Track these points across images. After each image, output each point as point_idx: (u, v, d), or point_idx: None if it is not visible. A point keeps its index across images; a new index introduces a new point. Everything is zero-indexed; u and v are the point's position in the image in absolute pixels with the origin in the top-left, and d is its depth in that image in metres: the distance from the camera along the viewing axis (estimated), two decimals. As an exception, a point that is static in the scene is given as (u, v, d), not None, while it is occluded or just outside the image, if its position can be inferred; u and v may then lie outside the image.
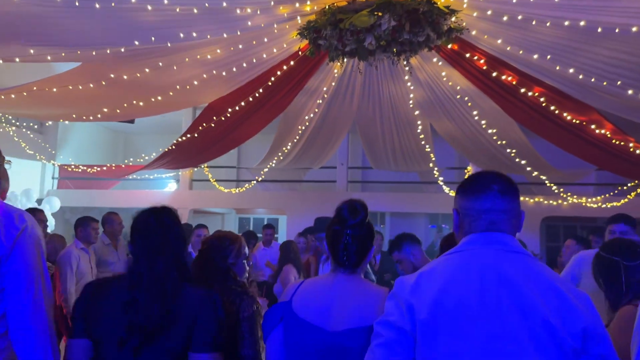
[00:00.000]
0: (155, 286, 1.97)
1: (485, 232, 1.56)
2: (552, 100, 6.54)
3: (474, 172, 6.99)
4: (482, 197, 1.57)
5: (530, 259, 1.55)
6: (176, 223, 2.13)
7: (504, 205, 1.57)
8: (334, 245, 2.09)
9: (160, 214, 2.12)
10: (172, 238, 2.07)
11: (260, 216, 17.18)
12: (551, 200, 12.13)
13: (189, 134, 7.28)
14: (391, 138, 8.58)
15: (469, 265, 1.53)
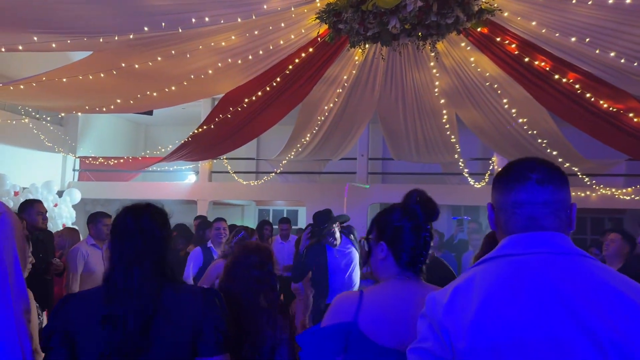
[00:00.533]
0: (131, 299, 1.73)
1: (526, 233, 1.29)
2: (587, 87, 6.13)
3: (499, 162, 6.70)
4: (517, 188, 1.31)
5: (587, 261, 1.24)
6: (158, 226, 1.87)
7: (545, 197, 1.29)
8: (403, 246, 1.75)
9: (140, 216, 1.86)
10: (152, 244, 1.82)
11: (279, 208, 17.00)
12: (579, 191, 11.65)
13: (206, 125, 7.06)
14: (414, 128, 8.23)
15: (511, 279, 1.23)
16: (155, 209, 1.93)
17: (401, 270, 1.76)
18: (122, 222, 1.87)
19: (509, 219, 1.32)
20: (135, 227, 1.83)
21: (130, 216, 1.87)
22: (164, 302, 1.75)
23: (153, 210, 1.92)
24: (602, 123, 6.78)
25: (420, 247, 1.75)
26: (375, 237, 1.82)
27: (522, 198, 1.30)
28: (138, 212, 1.88)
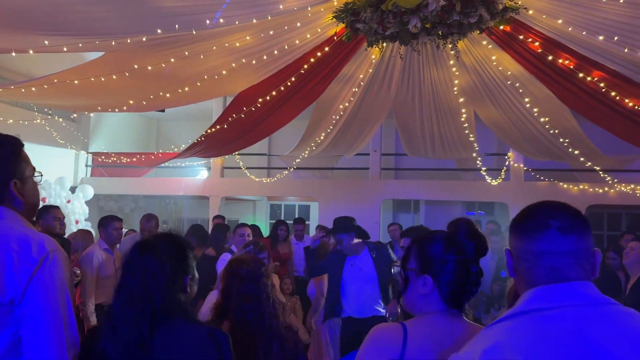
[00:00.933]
0: (121, 342, 1.63)
1: (550, 286, 1.20)
2: (613, 86, 5.92)
3: (515, 158, 6.51)
4: (538, 237, 1.22)
5: (618, 311, 1.14)
6: (165, 263, 1.72)
7: (569, 246, 1.21)
8: (450, 280, 1.59)
9: (145, 252, 1.74)
10: (153, 284, 1.69)
11: (291, 203, 16.91)
12: (597, 187, 11.42)
13: (219, 125, 6.95)
14: (430, 126, 8.06)
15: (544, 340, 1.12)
16: (167, 244, 1.78)
17: (446, 307, 1.60)
18: (128, 254, 1.77)
19: (530, 269, 1.24)
20: (137, 264, 1.71)
21: (136, 250, 1.75)
22: (155, 349, 1.64)
23: (163, 246, 1.76)
24: (627, 122, 6.57)
25: (471, 283, 1.61)
26: (417, 269, 1.64)
27: (543, 248, 1.22)
28: (145, 247, 1.75)
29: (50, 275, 1.54)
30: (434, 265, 1.61)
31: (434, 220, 15.77)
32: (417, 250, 1.66)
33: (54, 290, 1.54)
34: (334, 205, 12.97)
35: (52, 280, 1.54)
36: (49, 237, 1.63)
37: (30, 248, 1.54)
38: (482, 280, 1.62)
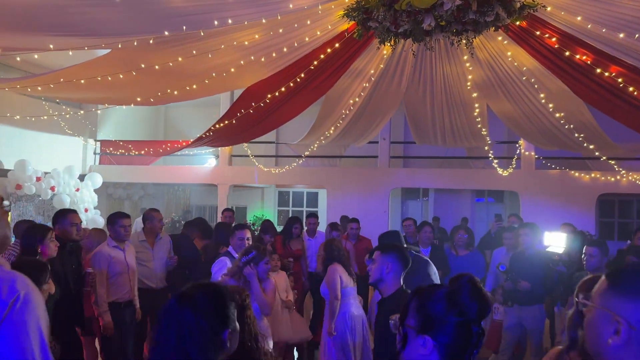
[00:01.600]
0: None
1: None
2: (630, 81, 5.77)
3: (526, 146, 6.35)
4: None
5: None
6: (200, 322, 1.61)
7: None
8: (450, 342, 1.53)
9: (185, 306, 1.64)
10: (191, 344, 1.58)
11: (299, 190, 16.87)
12: (609, 176, 11.27)
13: (227, 120, 6.86)
14: (441, 118, 7.93)
15: None
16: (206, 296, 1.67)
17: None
18: (166, 305, 1.67)
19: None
20: (173, 317, 1.61)
21: (174, 302, 1.65)
22: None
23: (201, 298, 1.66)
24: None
25: (472, 345, 1.53)
26: (417, 328, 1.55)
27: None
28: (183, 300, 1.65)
29: (21, 318, 1.46)
30: (434, 325, 1.53)
31: (443, 209, 15.70)
32: (418, 306, 1.57)
33: (26, 333, 1.46)
34: (343, 193, 12.92)
35: (23, 324, 1.46)
36: (21, 277, 1.52)
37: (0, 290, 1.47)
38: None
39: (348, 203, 12.60)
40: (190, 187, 16.50)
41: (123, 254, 4.89)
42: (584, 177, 11.70)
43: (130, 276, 4.85)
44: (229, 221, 7.17)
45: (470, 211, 15.88)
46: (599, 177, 11.50)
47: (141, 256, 5.30)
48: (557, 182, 11.86)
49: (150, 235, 5.47)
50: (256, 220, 14.56)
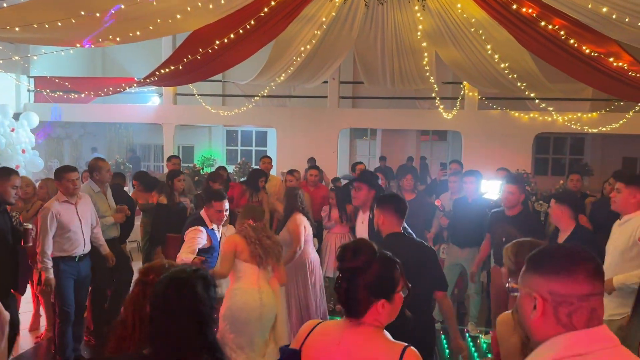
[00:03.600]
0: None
1: (593, 329, 1.24)
2: (572, 33, 5.99)
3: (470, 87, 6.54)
4: (581, 280, 1.24)
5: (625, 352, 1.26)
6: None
7: (601, 286, 1.27)
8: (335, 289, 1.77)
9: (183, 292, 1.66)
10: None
11: (248, 128, 16.67)
12: (546, 116, 11.82)
13: (172, 65, 6.62)
14: (391, 64, 7.97)
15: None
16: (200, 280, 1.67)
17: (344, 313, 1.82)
18: (161, 292, 1.64)
19: (573, 312, 1.24)
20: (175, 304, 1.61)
21: (172, 289, 1.63)
22: None
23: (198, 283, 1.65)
24: (584, 66, 6.74)
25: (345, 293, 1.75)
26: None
27: (587, 290, 1.24)
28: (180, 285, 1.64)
29: None
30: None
31: (390, 148, 16.05)
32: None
33: None
34: (292, 133, 12.92)
35: None
36: None
37: None
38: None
39: (298, 143, 12.65)
40: (133, 126, 15.96)
41: (74, 207, 4.74)
42: (523, 117, 12.21)
43: (84, 229, 4.73)
44: (176, 169, 7.07)
45: (415, 150, 16.34)
46: (537, 117, 12.03)
47: (102, 207, 5.24)
48: (498, 122, 12.33)
49: (102, 186, 5.35)
50: (204, 161, 14.40)
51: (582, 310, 1.24)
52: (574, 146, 16.51)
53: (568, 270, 1.25)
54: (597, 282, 1.25)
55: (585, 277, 1.24)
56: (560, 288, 1.25)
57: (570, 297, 1.24)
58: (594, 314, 1.24)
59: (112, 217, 5.26)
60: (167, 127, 13.42)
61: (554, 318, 1.26)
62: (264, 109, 13.16)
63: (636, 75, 6.80)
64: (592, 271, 1.25)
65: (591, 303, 1.24)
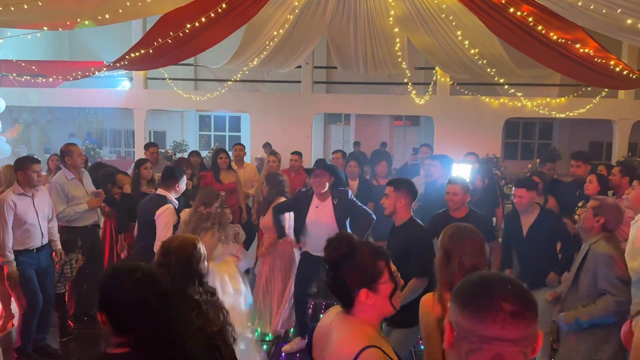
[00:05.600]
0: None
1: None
2: (540, 20, 6.12)
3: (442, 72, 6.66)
4: (488, 320, 1.10)
5: None
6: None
7: (517, 333, 1.10)
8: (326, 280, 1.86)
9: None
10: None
11: (222, 114, 16.52)
12: (515, 101, 12.05)
13: (143, 49, 6.51)
14: (364, 48, 8.00)
15: None
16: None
17: None
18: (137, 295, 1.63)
19: (472, 351, 1.13)
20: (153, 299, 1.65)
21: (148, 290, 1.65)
22: None
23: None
24: (552, 52, 6.89)
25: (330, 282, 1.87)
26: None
27: (492, 332, 1.10)
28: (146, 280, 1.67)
29: None
30: None
31: (364, 133, 16.14)
32: None
33: None
34: (266, 118, 12.85)
35: None
36: None
37: None
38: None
39: (271, 128, 12.61)
40: (103, 110, 15.63)
41: (31, 200, 4.59)
42: (494, 102, 12.42)
43: (41, 222, 4.58)
44: (154, 158, 6.96)
45: (388, 135, 16.47)
46: (507, 102, 12.25)
47: (78, 194, 5.16)
48: (469, 108, 12.51)
49: (75, 172, 5.25)
50: (176, 146, 14.24)
51: (483, 352, 1.11)
52: (542, 131, 16.88)
53: (477, 306, 1.12)
54: (512, 327, 1.10)
55: (495, 318, 1.10)
56: (465, 322, 1.14)
57: (471, 335, 1.12)
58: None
59: (87, 203, 5.17)
60: (138, 112, 13.19)
61: (457, 352, 1.17)
62: (237, 94, 13.05)
63: (601, 61, 7.00)
64: (508, 314, 1.10)
65: (495, 348, 1.10)
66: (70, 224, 5.14)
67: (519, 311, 1.10)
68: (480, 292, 1.15)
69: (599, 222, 3.07)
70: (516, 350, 1.11)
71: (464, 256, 2.27)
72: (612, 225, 3.08)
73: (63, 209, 5.03)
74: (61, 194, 5.05)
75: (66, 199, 5.09)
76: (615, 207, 3.12)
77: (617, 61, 7.13)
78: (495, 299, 1.11)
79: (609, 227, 3.07)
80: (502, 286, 1.14)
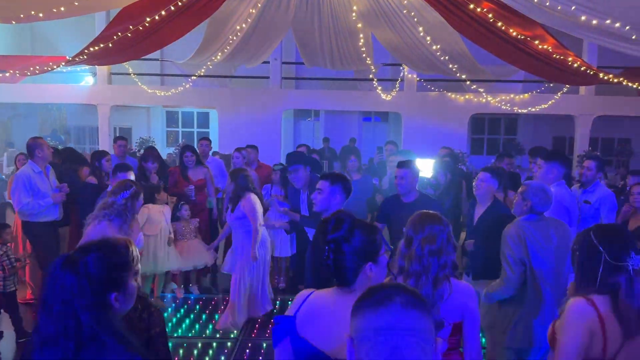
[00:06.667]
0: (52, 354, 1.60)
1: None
2: (500, 16, 6.22)
3: (409, 69, 6.70)
4: (381, 311, 1.14)
5: None
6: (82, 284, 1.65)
7: (411, 323, 1.13)
8: (320, 261, 1.83)
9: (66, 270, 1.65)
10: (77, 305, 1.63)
11: (189, 110, 16.30)
12: (480, 97, 12.26)
13: (102, 43, 6.36)
14: (329, 44, 8.00)
15: None
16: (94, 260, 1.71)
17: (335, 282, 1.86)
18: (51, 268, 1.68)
19: (370, 350, 1.13)
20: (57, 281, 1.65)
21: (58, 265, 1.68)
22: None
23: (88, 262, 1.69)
24: (512, 49, 7.01)
25: (334, 263, 1.80)
26: None
27: (384, 323, 1.13)
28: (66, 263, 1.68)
29: None
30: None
31: (333, 129, 16.14)
32: None
33: None
34: (234, 114, 12.76)
35: None
36: None
37: None
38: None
39: (240, 124, 12.53)
40: (66, 107, 15.24)
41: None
42: (460, 98, 12.63)
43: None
44: (121, 151, 6.81)
45: (358, 131, 16.53)
46: (472, 98, 12.45)
47: (43, 188, 5.04)
48: (436, 104, 12.69)
49: (42, 166, 5.15)
50: (142, 142, 13.99)
51: (380, 346, 1.12)
52: (508, 126, 17.19)
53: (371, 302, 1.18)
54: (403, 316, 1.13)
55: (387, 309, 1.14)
56: (360, 322, 1.17)
57: (367, 332, 1.15)
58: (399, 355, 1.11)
59: (52, 197, 5.08)
60: (101, 107, 12.94)
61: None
62: (204, 89, 12.91)
63: (560, 57, 7.16)
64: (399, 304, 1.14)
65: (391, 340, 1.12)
66: (28, 218, 5.04)
67: (409, 302, 1.16)
68: (373, 293, 1.21)
69: (527, 205, 3.18)
70: (412, 342, 1.12)
71: (422, 242, 2.27)
72: (540, 207, 3.18)
73: (28, 201, 4.96)
74: (27, 187, 4.97)
75: (32, 192, 5.01)
76: (541, 189, 3.21)
77: (574, 57, 7.31)
78: (386, 294, 1.18)
79: (536, 209, 3.18)
80: (394, 286, 1.22)
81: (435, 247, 2.26)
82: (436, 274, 2.24)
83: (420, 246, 2.26)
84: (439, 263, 2.25)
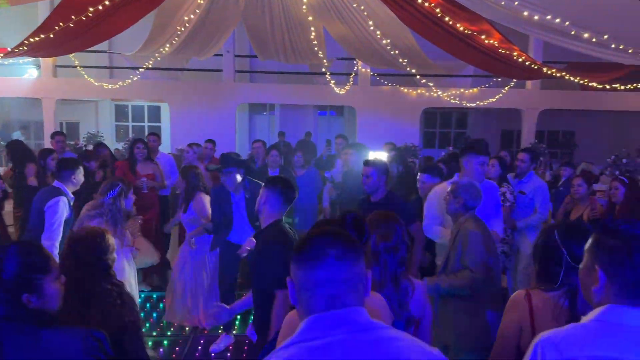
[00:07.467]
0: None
1: (327, 312, 1.25)
2: (447, 11, 6.33)
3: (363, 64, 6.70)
4: (317, 266, 1.26)
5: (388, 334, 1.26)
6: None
7: (345, 274, 1.26)
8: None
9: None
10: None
11: (139, 103, 15.86)
12: (432, 92, 12.49)
13: (43, 33, 6.10)
14: (282, 37, 7.95)
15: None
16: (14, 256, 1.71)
17: None
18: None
19: (310, 298, 1.27)
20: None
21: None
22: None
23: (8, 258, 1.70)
24: (459, 43, 7.15)
25: None
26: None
27: (322, 276, 1.25)
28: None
29: None
30: None
31: (288, 122, 16.09)
32: None
33: None
34: (186, 108, 12.50)
35: None
36: None
37: None
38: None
39: (192, 118, 12.30)
40: (9, 101, 14.57)
41: None
42: (412, 92, 12.82)
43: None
44: (60, 147, 6.57)
45: (313, 125, 16.53)
46: (424, 92, 12.66)
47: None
48: (389, 98, 12.83)
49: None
50: (90, 137, 13.52)
51: (319, 297, 1.25)
52: (459, 120, 17.60)
53: (308, 257, 1.28)
54: (337, 269, 1.25)
55: (323, 264, 1.25)
56: (300, 273, 1.28)
57: (308, 283, 1.26)
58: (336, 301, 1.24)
59: None
60: (46, 101, 12.44)
61: (299, 303, 1.30)
62: (154, 82, 12.59)
63: (506, 52, 7.37)
64: (333, 257, 1.25)
65: (328, 290, 1.25)
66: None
67: (342, 254, 1.27)
68: (308, 245, 1.31)
69: (460, 203, 3.20)
70: (347, 288, 1.27)
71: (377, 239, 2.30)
72: (472, 202, 3.21)
73: None
74: None
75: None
76: (470, 185, 3.25)
77: (519, 52, 7.52)
78: (320, 248, 1.28)
79: (469, 206, 3.20)
80: (326, 237, 1.32)
81: (390, 244, 2.31)
82: (394, 270, 2.29)
83: (376, 243, 2.32)
84: (396, 260, 2.30)
